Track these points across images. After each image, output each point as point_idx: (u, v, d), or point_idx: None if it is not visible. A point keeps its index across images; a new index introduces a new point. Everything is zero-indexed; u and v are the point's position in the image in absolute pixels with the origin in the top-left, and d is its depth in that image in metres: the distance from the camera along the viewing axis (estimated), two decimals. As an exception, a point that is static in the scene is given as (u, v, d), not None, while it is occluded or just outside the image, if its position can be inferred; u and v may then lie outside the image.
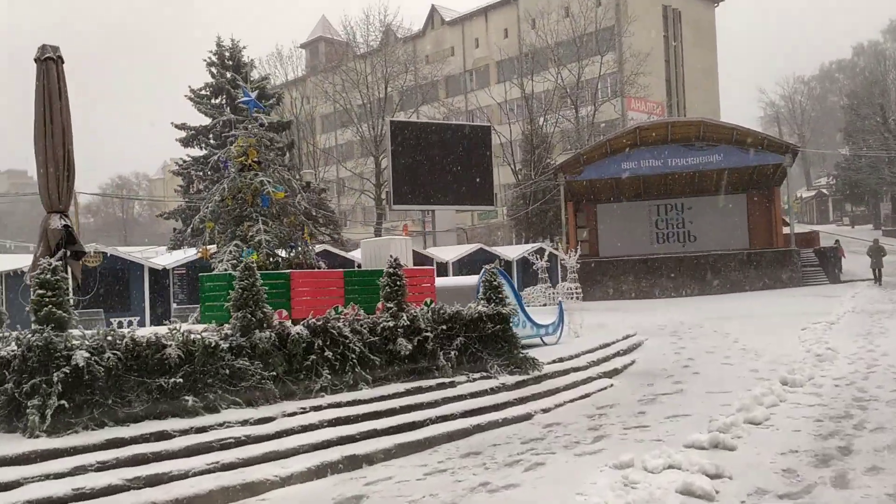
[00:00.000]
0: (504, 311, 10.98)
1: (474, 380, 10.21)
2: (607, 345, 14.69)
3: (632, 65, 50.48)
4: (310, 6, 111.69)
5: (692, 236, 38.89)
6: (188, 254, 22.46)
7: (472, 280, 13.71)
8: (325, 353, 8.91)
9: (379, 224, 51.09)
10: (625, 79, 51.16)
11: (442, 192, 29.26)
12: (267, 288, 9.78)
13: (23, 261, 20.20)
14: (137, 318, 19.61)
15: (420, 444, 8.04)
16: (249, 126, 13.43)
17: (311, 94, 58.38)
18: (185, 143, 34.06)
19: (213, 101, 34.30)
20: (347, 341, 9.18)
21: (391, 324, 9.71)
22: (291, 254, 12.88)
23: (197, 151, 34.41)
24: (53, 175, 8.86)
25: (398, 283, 10.01)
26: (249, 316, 8.45)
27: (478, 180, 29.99)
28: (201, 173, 33.18)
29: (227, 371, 8.03)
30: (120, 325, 19.32)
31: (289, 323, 9.10)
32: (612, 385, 11.50)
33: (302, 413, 8.13)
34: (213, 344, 8.00)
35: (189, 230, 12.89)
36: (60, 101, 8.96)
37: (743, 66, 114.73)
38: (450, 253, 25.91)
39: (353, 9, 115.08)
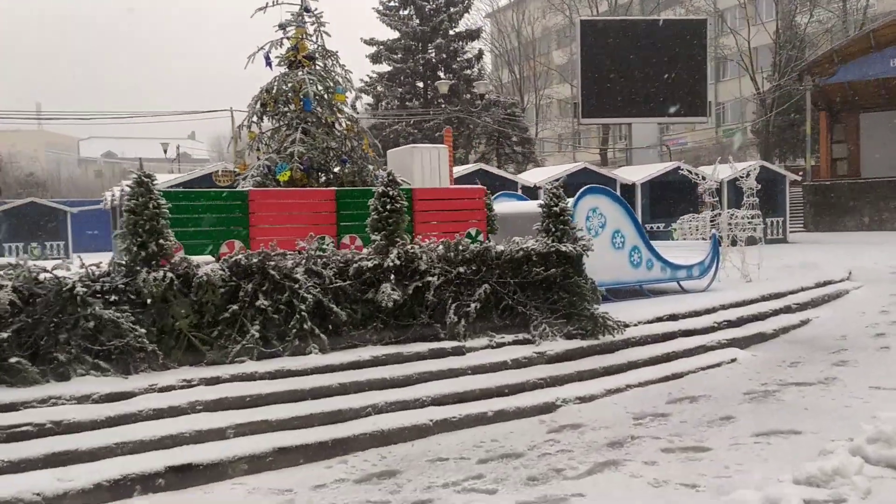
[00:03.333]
0: (565, 249, 7.70)
1: (498, 345, 7.20)
2: (780, 295, 10.59)
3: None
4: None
5: None
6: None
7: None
8: (258, 303, 6.48)
9: (604, 147, 46.85)
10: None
11: (641, 102, 24.86)
12: (215, 214, 7.60)
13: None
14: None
15: (324, 449, 5.36)
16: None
17: (544, 8, 54.61)
18: (374, 59, 32.61)
19: (400, 12, 32.34)
20: (296, 287, 6.65)
21: (370, 263, 6.99)
22: (345, 170, 10.54)
23: (385, 67, 32.93)
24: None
25: (388, 206, 7.19)
26: (137, 249, 6.24)
27: (687, 88, 25.07)
28: (390, 91, 31.71)
29: (92, 324, 5.92)
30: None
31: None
32: (734, 360, 7.77)
33: (184, 388, 5.81)
34: (69, 287, 5.91)
35: (230, 141, 10.91)
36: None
37: None
38: (637, 173, 21.78)
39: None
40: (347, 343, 6.85)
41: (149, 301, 6.15)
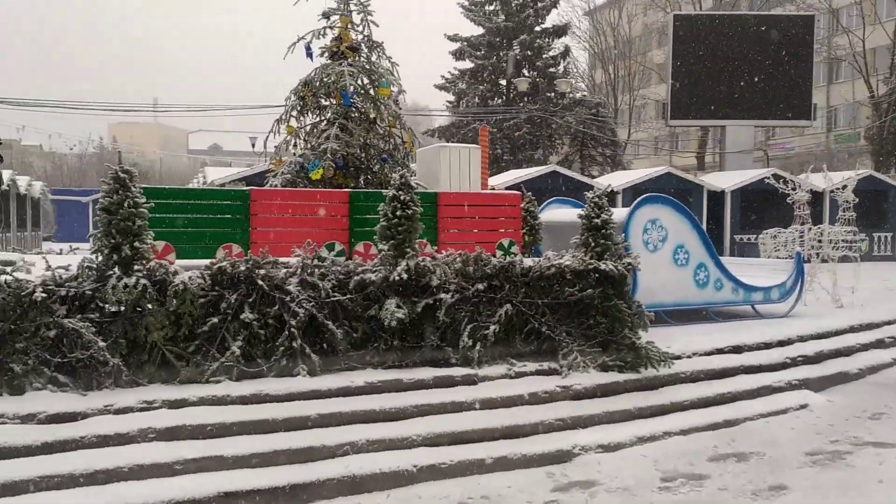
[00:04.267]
0: (605, 268, 6.67)
1: (517, 375, 6.27)
2: (873, 325, 9.22)
3: None
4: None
5: None
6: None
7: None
8: (242, 316, 5.79)
9: (701, 150, 44.45)
10: None
11: (736, 103, 23.11)
12: (212, 214, 6.98)
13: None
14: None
15: (279, 496, 4.56)
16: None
17: (646, 4, 52.45)
18: (457, 55, 31.71)
19: (486, 7, 31.33)
20: (288, 299, 5.93)
21: (374, 276, 6.19)
22: (384, 169, 9.84)
23: (468, 64, 31.95)
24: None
25: (399, 212, 6.38)
26: (109, 252, 5.66)
27: (790, 89, 23.12)
28: (472, 88, 30.77)
29: (53, 333, 5.37)
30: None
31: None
32: (804, 406, 6.56)
33: (143, 410, 5.16)
34: (29, 291, 5.37)
35: (268, 136, 10.32)
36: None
37: None
38: (728, 179, 20.09)
39: None
40: (344, 365, 6.07)
41: (120, 310, 5.58)
